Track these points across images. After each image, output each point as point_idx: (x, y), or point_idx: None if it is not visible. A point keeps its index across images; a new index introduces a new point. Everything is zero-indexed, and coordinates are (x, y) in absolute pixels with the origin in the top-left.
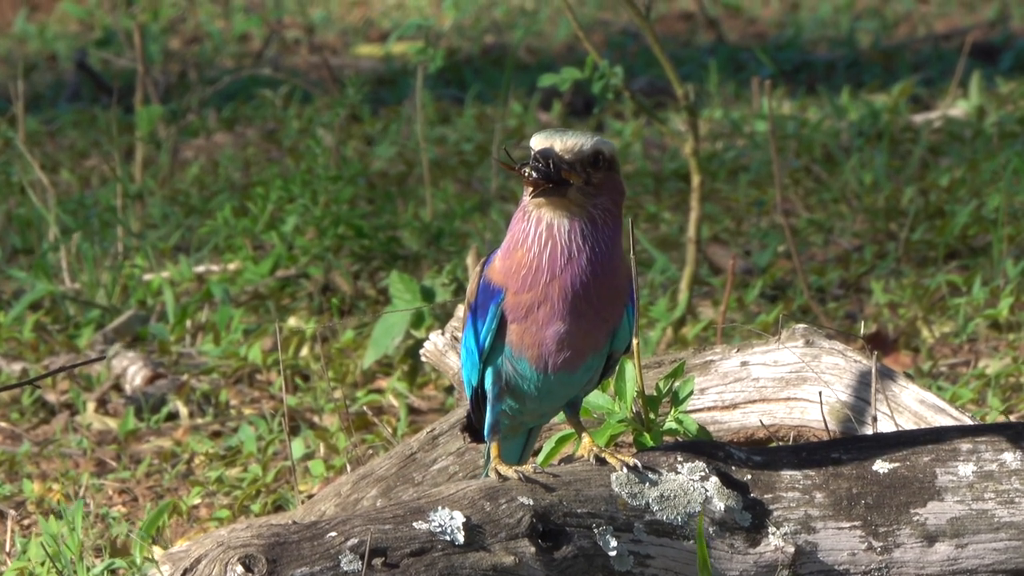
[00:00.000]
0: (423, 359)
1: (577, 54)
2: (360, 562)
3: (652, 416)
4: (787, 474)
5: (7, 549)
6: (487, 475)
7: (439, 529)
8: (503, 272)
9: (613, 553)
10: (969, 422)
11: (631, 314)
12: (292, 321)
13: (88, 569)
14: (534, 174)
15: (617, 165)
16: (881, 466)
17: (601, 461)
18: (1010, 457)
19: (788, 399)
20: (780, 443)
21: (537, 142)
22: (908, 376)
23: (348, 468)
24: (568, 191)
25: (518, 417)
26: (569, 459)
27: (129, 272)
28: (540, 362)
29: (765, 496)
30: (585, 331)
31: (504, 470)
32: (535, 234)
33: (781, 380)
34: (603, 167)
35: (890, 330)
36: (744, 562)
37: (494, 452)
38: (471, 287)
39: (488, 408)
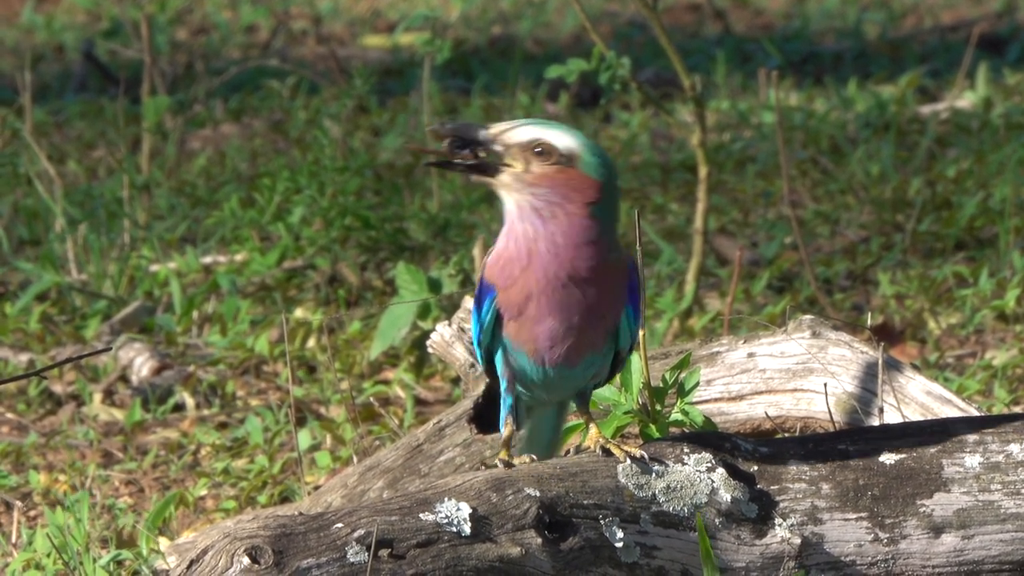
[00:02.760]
0: (430, 350)
1: (584, 45)
2: (367, 553)
3: (658, 407)
4: (793, 465)
5: (13, 540)
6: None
7: (445, 520)
8: (492, 268)
9: (619, 544)
10: (976, 413)
11: (631, 316)
12: (299, 312)
13: (94, 560)
14: (454, 148)
15: (578, 162)
16: (888, 457)
17: (607, 452)
18: (1016, 448)
19: (795, 390)
20: (787, 434)
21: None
22: (915, 367)
23: (355, 459)
24: (498, 176)
25: (537, 398)
26: (577, 449)
27: (136, 263)
28: (537, 356)
29: (771, 487)
30: (578, 328)
31: (506, 458)
32: (507, 222)
33: (788, 371)
34: (548, 159)
35: (897, 321)
36: (750, 553)
37: (504, 435)
38: (477, 281)
39: (501, 396)
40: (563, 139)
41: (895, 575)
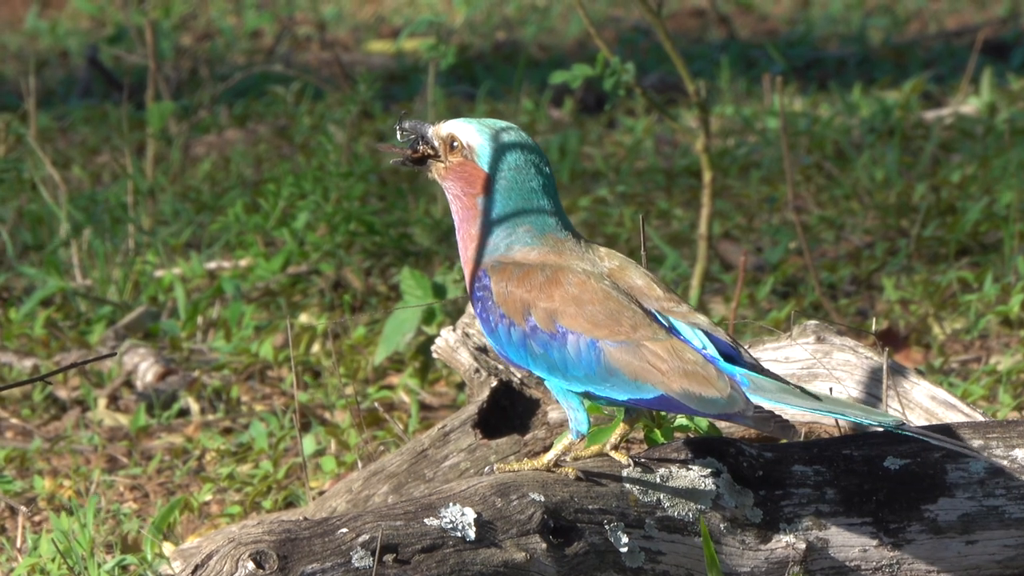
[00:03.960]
0: (434, 355)
1: (589, 51)
2: (371, 558)
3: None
4: (798, 470)
5: (18, 545)
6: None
7: (450, 525)
8: None
9: (624, 549)
10: (980, 418)
11: (484, 321)
12: (303, 317)
13: (99, 565)
14: (413, 145)
15: (475, 154)
16: (892, 462)
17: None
18: (1021, 454)
19: None
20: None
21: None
22: (919, 372)
23: (359, 464)
24: (425, 166)
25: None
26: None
27: (140, 268)
28: None
29: (776, 492)
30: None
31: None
32: None
33: (792, 376)
34: (458, 152)
35: (901, 326)
36: (755, 558)
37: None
38: None
39: None
40: (467, 132)
41: None
